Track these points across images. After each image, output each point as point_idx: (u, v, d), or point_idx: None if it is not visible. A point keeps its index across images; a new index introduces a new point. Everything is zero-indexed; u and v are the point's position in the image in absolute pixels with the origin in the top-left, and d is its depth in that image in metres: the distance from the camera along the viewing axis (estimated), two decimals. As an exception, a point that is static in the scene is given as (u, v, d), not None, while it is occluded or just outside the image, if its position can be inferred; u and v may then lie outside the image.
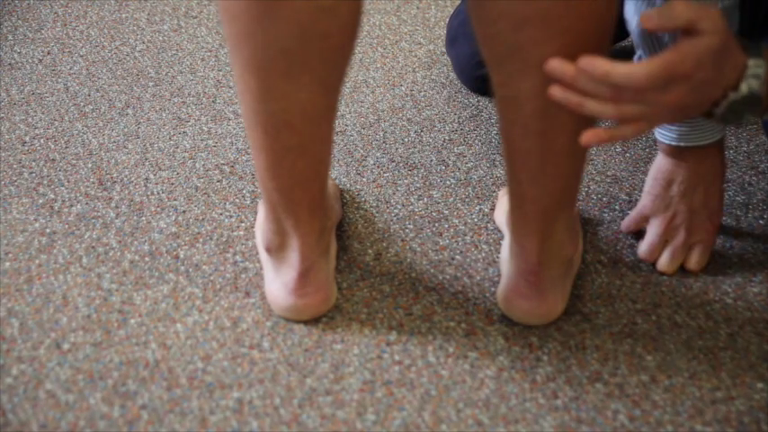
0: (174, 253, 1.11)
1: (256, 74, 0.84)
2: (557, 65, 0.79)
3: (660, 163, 1.09)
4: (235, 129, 1.33)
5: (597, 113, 0.80)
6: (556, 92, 0.80)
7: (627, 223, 1.13)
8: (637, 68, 0.78)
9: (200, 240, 1.13)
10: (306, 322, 1.02)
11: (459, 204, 1.19)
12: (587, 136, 0.81)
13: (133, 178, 1.23)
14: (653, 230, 1.09)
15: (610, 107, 0.79)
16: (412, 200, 1.20)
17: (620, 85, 0.78)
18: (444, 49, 1.48)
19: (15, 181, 1.22)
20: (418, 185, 1.22)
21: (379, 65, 1.47)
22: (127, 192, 1.21)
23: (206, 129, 1.33)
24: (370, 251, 1.12)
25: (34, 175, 1.23)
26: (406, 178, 1.24)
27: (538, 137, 0.86)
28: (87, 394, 0.94)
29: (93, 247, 1.12)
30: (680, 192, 1.08)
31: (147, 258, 1.10)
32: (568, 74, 0.79)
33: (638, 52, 1.04)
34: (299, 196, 0.94)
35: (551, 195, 0.93)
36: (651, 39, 1.01)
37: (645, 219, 1.11)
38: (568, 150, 0.88)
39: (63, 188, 1.21)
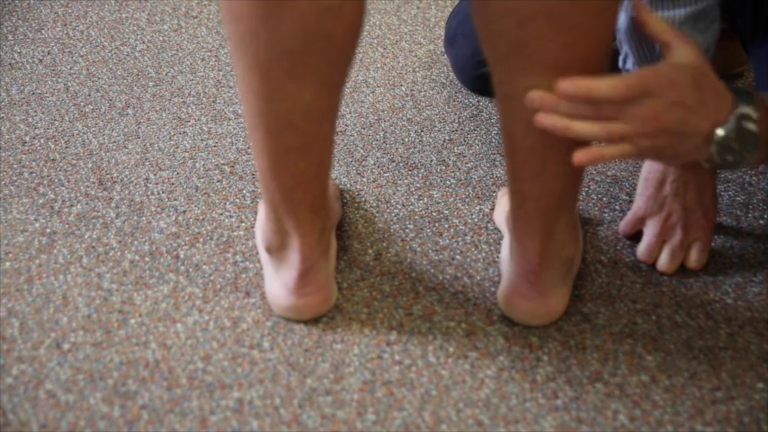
0: (175, 253, 1.11)
1: (260, 74, 0.84)
2: (537, 95, 0.83)
3: (651, 163, 1.09)
4: (235, 129, 1.33)
5: (584, 134, 0.83)
6: (542, 119, 0.83)
7: (623, 227, 1.13)
8: (616, 79, 0.82)
9: (201, 240, 1.13)
10: (306, 322, 1.02)
11: (459, 204, 1.19)
12: (579, 156, 0.84)
13: (133, 178, 1.23)
14: (650, 231, 1.09)
15: (596, 127, 0.83)
16: (412, 200, 1.20)
17: (603, 98, 0.82)
18: (444, 49, 1.48)
19: (15, 181, 1.22)
20: (418, 185, 1.22)
21: (379, 65, 1.47)
22: (127, 192, 1.21)
23: (206, 129, 1.33)
24: (370, 251, 1.12)
25: (34, 175, 1.23)
26: (406, 178, 1.24)
27: (540, 134, 0.86)
28: (87, 394, 0.94)
29: (93, 247, 1.12)
30: (673, 191, 1.08)
31: (147, 258, 1.10)
32: (549, 101, 0.82)
33: (624, 48, 1.05)
34: (301, 196, 0.94)
35: (552, 194, 0.93)
36: (638, 37, 1.02)
37: (641, 220, 1.10)
38: (570, 148, 0.88)
39: (63, 188, 1.21)
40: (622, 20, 1.01)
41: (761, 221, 1.17)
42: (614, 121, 0.83)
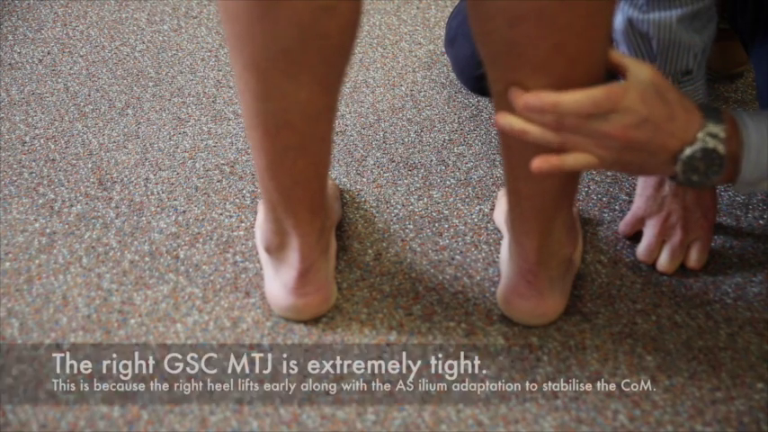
0: (174, 253, 1.11)
1: (256, 73, 0.84)
2: (514, 92, 0.83)
3: None
4: (235, 129, 1.33)
5: (539, 140, 0.84)
6: (500, 120, 0.84)
7: (623, 227, 1.13)
8: (581, 93, 0.81)
9: (200, 240, 1.13)
10: (306, 322, 1.02)
11: (459, 204, 1.19)
12: (537, 163, 0.84)
13: (133, 178, 1.23)
14: (649, 231, 1.09)
15: (551, 134, 0.83)
16: (412, 200, 1.20)
17: (567, 112, 0.82)
18: (444, 49, 1.48)
19: (15, 181, 1.22)
20: (418, 185, 1.22)
21: (379, 65, 1.47)
22: (127, 192, 1.21)
23: (206, 129, 1.33)
24: (370, 251, 1.12)
25: (34, 175, 1.23)
26: (406, 178, 1.24)
27: None
28: (87, 394, 0.94)
29: (93, 247, 1.12)
30: (672, 190, 1.08)
31: (147, 258, 1.10)
32: (524, 100, 0.83)
33: (621, 49, 1.05)
34: (299, 196, 0.94)
35: (548, 193, 0.93)
36: (636, 36, 1.02)
37: (640, 221, 1.10)
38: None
39: (63, 188, 1.21)
40: (619, 20, 1.01)
41: (761, 221, 1.17)
42: (574, 132, 0.83)
